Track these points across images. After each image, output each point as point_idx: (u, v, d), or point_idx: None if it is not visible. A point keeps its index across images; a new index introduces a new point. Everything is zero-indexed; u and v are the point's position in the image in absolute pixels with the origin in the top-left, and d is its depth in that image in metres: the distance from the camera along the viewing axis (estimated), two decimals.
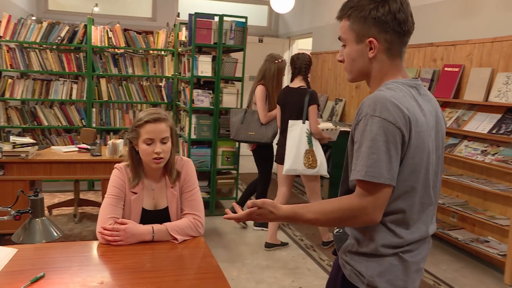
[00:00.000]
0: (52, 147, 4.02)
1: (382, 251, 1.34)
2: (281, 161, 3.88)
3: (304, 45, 9.51)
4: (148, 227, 1.94)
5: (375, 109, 1.26)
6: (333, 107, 6.54)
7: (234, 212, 1.46)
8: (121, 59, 5.41)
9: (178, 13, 5.73)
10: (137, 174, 2.05)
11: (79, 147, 3.80)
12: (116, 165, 2.10)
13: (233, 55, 5.00)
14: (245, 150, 4.89)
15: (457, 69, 4.27)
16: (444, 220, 4.36)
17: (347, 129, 4.95)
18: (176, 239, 1.94)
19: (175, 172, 2.09)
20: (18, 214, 1.36)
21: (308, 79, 3.93)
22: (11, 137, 4.00)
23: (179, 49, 5.49)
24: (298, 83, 3.88)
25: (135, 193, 2.04)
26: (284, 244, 4.09)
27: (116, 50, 5.50)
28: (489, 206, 3.94)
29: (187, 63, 5.03)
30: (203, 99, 4.72)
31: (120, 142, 3.65)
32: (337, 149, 5.26)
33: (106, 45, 5.30)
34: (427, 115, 1.35)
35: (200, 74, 4.63)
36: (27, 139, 3.66)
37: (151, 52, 5.62)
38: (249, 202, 1.39)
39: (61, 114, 5.32)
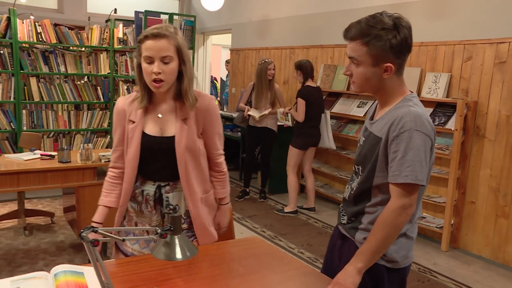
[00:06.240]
0: (6, 155, 3.65)
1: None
2: (315, 143, 4.85)
3: (218, 41, 9.64)
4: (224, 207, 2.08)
5: (416, 124, 1.51)
6: None
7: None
8: (52, 56, 5.03)
9: (115, 8, 5.48)
10: (146, 94, 1.85)
11: (42, 154, 3.53)
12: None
13: None
14: None
15: None
16: None
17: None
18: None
19: (192, 99, 1.84)
20: (165, 232, 1.37)
21: None
22: None
23: (117, 46, 5.27)
24: (312, 83, 4.82)
25: (133, 122, 1.87)
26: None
27: (44, 46, 5.10)
28: None
29: (130, 61, 4.89)
30: None
31: (91, 147, 3.49)
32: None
33: (35, 40, 4.89)
34: None
35: None
36: None
37: (84, 49, 5.31)
38: None
39: None
